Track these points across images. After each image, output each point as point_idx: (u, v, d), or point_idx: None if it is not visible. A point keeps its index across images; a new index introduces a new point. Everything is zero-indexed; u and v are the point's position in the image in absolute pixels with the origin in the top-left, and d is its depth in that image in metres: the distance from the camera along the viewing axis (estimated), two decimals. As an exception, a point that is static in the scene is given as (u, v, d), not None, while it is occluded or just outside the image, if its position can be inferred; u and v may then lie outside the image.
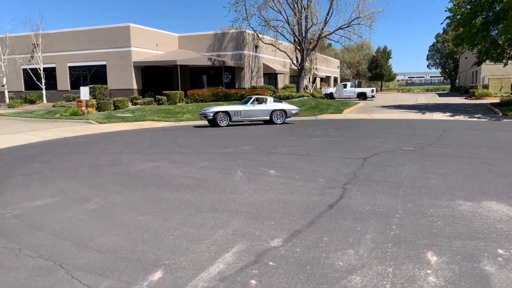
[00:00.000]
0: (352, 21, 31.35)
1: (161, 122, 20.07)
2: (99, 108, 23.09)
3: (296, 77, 34.18)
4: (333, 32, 32.57)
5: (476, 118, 19.27)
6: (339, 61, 64.50)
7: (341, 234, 4.33)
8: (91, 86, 25.43)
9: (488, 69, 39.60)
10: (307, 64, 35.38)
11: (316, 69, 40.99)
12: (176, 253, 3.90)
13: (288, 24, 31.34)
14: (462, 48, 37.04)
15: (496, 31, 23.87)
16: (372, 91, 37.37)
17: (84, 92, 20.84)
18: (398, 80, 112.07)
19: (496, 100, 28.15)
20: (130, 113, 22.06)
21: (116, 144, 12.15)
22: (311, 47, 33.08)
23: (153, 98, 26.58)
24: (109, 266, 3.64)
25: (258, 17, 31.41)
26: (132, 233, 4.47)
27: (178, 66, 28.14)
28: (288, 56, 33.16)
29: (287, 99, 27.70)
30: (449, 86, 68.90)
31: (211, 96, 27.59)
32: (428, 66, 67.38)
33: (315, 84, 43.18)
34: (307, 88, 38.06)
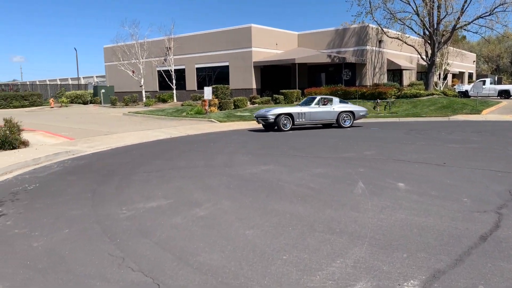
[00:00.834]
0: (496, 7, 27.01)
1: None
2: (220, 107, 24.01)
3: (425, 73, 30.97)
4: (472, 21, 28.54)
5: None
6: (475, 55, 57.06)
7: (503, 283, 3.18)
8: (214, 86, 26.64)
9: None
10: (437, 59, 31.80)
11: (448, 64, 36.71)
12: (283, 285, 3.26)
13: (418, 15, 28.44)
14: None
15: None
16: (516, 88, 31.89)
17: (207, 92, 21.83)
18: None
19: None
20: (248, 112, 22.40)
21: (232, 143, 12.16)
22: (443, 40, 29.56)
23: (270, 97, 26.72)
24: (208, 292, 3.18)
25: (383, 10, 29.32)
26: (237, 250, 3.98)
27: (296, 64, 27.77)
28: (416, 51, 30.18)
29: (414, 97, 25.20)
30: None
31: (330, 94, 26.45)
32: None
33: (446, 81, 38.77)
34: (436, 85, 34.28)
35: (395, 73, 34.57)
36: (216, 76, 31.46)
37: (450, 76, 43.25)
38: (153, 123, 20.32)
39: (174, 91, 32.69)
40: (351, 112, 16.41)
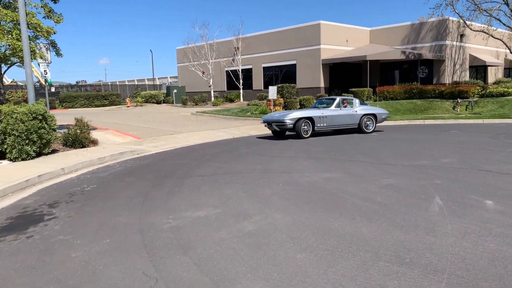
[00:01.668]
0: None
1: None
2: (285, 107, 23.44)
3: (515, 69, 27.70)
4: None
5: None
6: None
7: None
8: (279, 85, 26.15)
9: None
10: (531, 53, 28.29)
11: (544, 59, 32.62)
12: (335, 335, 2.63)
13: (507, 5, 25.45)
14: None
15: None
16: None
17: (272, 91, 21.38)
18: None
19: None
20: (314, 112, 21.58)
21: (294, 146, 11.55)
22: (538, 31, 26.20)
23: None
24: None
25: (466, 1, 26.69)
26: (284, 280, 3.40)
27: (368, 61, 26.29)
28: (505, 44, 27.08)
29: (501, 96, 22.56)
30: None
31: (403, 93, 24.68)
32: None
33: (541, 78, 34.46)
34: (530, 83, 30.52)
35: (479, 69, 31.43)
36: (283, 75, 30.96)
37: (546, 72, 38.42)
38: (218, 123, 20.36)
39: (241, 91, 32.81)
40: (373, 115, 14.74)
